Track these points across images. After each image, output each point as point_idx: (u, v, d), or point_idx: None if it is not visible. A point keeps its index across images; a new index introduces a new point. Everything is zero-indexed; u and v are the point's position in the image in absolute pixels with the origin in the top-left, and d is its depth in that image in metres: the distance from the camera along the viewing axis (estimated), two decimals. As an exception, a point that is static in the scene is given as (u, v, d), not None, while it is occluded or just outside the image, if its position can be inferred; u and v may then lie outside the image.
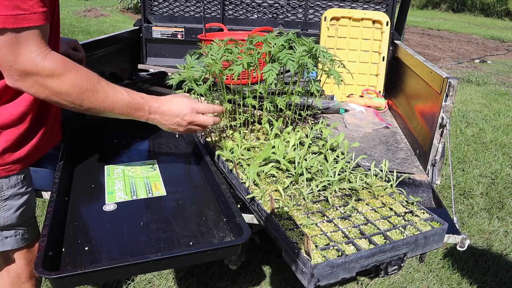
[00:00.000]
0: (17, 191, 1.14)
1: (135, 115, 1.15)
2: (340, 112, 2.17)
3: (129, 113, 1.14)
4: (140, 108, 1.15)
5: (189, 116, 1.23)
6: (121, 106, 1.10)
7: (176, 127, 1.23)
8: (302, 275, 0.95)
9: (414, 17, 14.39)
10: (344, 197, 1.24)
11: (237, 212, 1.07)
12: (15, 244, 1.19)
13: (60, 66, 0.98)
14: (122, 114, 1.13)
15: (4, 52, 0.92)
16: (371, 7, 2.60)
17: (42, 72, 0.96)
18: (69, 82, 0.99)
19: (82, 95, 1.02)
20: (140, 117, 1.17)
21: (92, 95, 1.04)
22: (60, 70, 0.97)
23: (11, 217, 1.14)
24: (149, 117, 1.18)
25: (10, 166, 1.10)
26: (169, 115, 1.21)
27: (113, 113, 1.10)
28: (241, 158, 1.40)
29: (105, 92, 1.06)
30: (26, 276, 1.26)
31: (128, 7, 13.40)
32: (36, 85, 0.97)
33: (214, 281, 2.16)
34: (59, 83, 0.98)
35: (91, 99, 1.04)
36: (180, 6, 2.79)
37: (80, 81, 1.01)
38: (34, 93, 0.99)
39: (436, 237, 1.10)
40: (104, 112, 1.09)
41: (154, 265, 0.92)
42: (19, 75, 0.95)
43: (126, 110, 1.12)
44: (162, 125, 1.22)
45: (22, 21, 0.91)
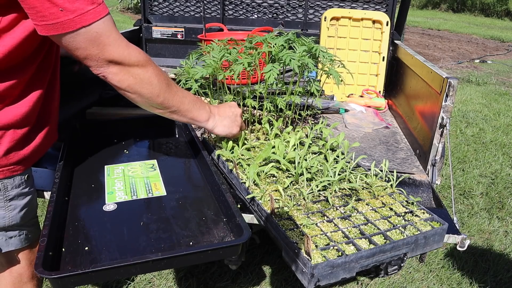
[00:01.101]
0: (21, 191, 1.15)
1: (198, 112, 1.23)
2: (340, 112, 2.17)
3: (193, 111, 1.22)
4: (203, 106, 1.25)
5: (238, 108, 1.38)
6: (189, 102, 1.19)
7: (233, 122, 1.35)
8: (302, 275, 0.95)
9: (414, 17, 14.40)
10: (344, 197, 1.24)
11: (237, 212, 1.07)
12: (19, 244, 1.20)
13: (143, 57, 1.05)
14: (187, 112, 1.20)
15: (90, 48, 0.97)
16: (371, 7, 2.60)
17: (129, 60, 1.02)
18: (152, 72, 1.06)
19: (161, 87, 1.09)
20: (201, 116, 1.25)
21: (168, 88, 1.11)
22: (144, 60, 1.05)
23: (16, 217, 1.15)
24: (210, 115, 1.28)
25: (14, 167, 1.10)
26: (224, 109, 1.34)
27: (180, 109, 1.17)
28: (241, 158, 1.40)
29: (176, 87, 1.16)
30: (28, 276, 1.26)
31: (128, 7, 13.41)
32: (121, 72, 1.02)
33: (214, 281, 2.16)
34: (144, 72, 1.05)
35: (167, 92, 1.11)
36: (180, 6, 2.79)
37: (160, 74, 1.09)
38: (118, 80, 1.03)
39: (436, 237, 1.10)
40: (174, 106, 1.15)
41: (154, 265, 0.91)
42: (107, 63, 1.00)
43: (192, 107, 1.20)
44: (222, 120, 1.32)
45: (96, 15, 0.95)
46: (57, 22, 0.92)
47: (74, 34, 0.94)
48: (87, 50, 0.97)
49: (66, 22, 0.92)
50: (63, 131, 1.34)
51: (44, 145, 1.19)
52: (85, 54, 0.98)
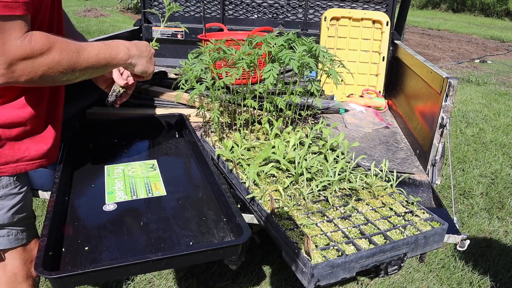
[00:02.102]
0: (10, 192, 1.13)
1: (118, 58, 1.18)
2: (340, 112, 2.17)
3: (113, 58, 1.16)
4: (118, 48, 1.19)
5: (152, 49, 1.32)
6: (104, 53, 1.12)
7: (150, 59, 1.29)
8: (302, 275, 0.95)
9: (414, 17, 14.39)
10: (344, 197, 1.24)
11: (237, 212, 1.07)
12: (8, 244, 1.18)
13: (46, 41, 0.97)
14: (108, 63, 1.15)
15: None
16: (371, 7, 2.60)
17: (34, 53, 0.95)
18: (57, 52, 0.99)
19: (71, 58, 1.03)
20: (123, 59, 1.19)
21: (79, 55, 1.05)
22: (47, 44, 0.97)
23: (3, 217, 1.14)
24: (130, 54, 1.21)
25: (1, 167, 1.10)
26: (141, 45, 1.27)
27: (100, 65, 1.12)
28: (241, 158, 1.40)
29: (86, 48, 1.08)
30: (23, 276, 1.26)
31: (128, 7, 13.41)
32: (27, 69, 0.95)
33: (214, 281, 2.16)
34: (50, 56, 0.98)
35: (79, 58, 1.05)
36: (180, 6, 2.79)
37: (65, 47, 1.02)
38: (27, 79, 0.96)
39: (436, 237, 1.10)
40: (92, 67, 1.09)
41: (154, 265, 0.92)
42: (8, 65, 0.92)
43: (109, 55, 1.14)
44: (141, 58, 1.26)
45: (4, 9, 0.89)
46: None
47: None
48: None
49: None
50: (63, 131, 1.34)
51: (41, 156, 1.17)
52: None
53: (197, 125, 1.84)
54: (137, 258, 0.90)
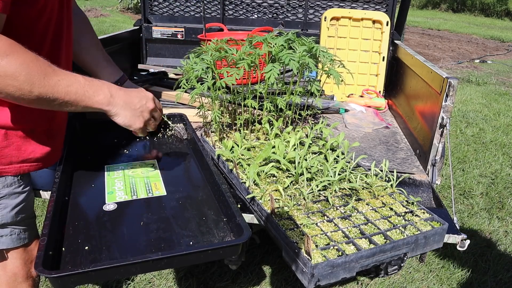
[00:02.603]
0: (14, 190, 1.14)
1: (93, 100, 1.02)
2: (340, 112, 2.17)
3: (87, 98, 1.00)
4: (100, 89, 1.03)
5: (152, 103, 1.17)
6: (77, 89, 0.97)
7: (139, 114, 1.14)
8: (303, 275, 0.95)
9: (414, 17, 14.40)
10: (344, 197, 1.24)
11: (237, 212, 1.07)
12: (11, 243, 1.19)
13: (5, 47, 0.86)
14: (78, 101, 0.99)
15: None
16: (371, 7, 2.60)
17: None
18: (16, 63, 0.86)
19: (31, 78, 0.88)
20: (99, 103, 1.04)
21: (43, 78, 0.91)
22: (5, 50, 0.86)
23: (6, 216, 1.14)
24: (111, 101, 1.06)
25: (5, 167, 1.09)
26: (134, 97, 1.12)
27: (67, 100, 0.96)
28: (241, 158, 1.40)
29: (57, 75, 0.94)
30: (23, 276, 1.26)
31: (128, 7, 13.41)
32: None
33: (214, 281, 2.16)
34: (5, 64, 0.85)
35: (42, 83, 0.90)
36: (180, 6, 2.79)
37: (29, 62, 0.89)
38: None
39: (436, 237, 1.10)
40: (57, 99, 0.95)
41: (154, 265, 0.91)
42: None
43: (83, 93, 0.98)
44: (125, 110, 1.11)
45: None
46: None
47: None
48: None
49: None
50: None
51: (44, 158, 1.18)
52: None
53: (197, 125, 1.84)
54: (137, 258, 0.90)
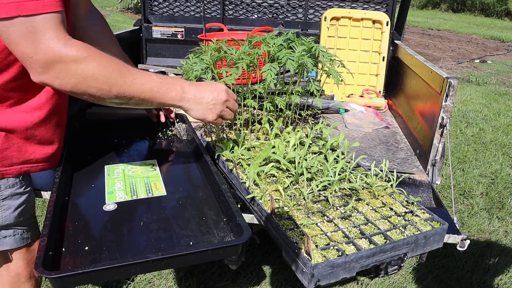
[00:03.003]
0: (16, 191, 1.14)
1: (167, 96, 1.08)
2: (340, 112, 2.17)
3: (161, 96, 1.07)
4: (172, 86, 1.09)
5: (224, 94, 1.18)
6: (152, 87, 1.04)
7: (212, 107, 1.16)
8: (303, 275, 0.95)
9: (414, 17, 14.40)
10: (344, 197, 1.24)
11: (237, 212, 1.07)
12: (14, 243, 1.19)
13: (82, 50, 0.93)
14: (153, 99, 1.06)
15: (23, 43, 0.87)
16: (371, 7, 2.60)
17: (66, 58, 0.90)
18: (94, 65, 0.94)
19: (109, 78, 0.96)
20: (173, 99, 1.10)
21: (120, 77, 0.98)
22: (83, 54, 0.93)
23: (10, 217, 1.14)
24: (183, 96, 1.11)
25: (7, 169, 1.10)
26: (205, 91, 1.15)
27: (143, 97, 1.03)
28: (241, 158, 1.40)
29: (132, 74, 1.01)
30: (26, 276, 1.26)
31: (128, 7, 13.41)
32: (61, 74, 0.91)
33: (214, 281, 2.16)
34: (84, 67, 0.92)
35: (119, 82, 0.98)
36: (180, 6, 2.79)
37: (106, 63, 0.96)
38: (60, 84, 0.93)
39: (436, 237, 1.10)
40: (133, 97, 1.02)
41: (154, 265, 0.91)
42: (41, 66, 0.90)
43: (157, 91, 1.05)
44: (197, 104, 1.14)
45: (36, 7, 0.86)
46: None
47: (7, 22, 0.85)
48: (20, 45, 0.87)
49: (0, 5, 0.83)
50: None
51: (44, 159, 1.18)
52: (18, 50, 0.88)
53: (197, 125, 1.85)
54: (137, 258, 0.90)
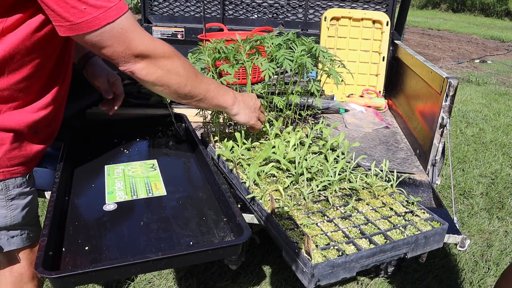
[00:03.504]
0: (23, 191, 1.15)
1: (223, 99, 1.25)
2: (340, 112, 2.17)
3: (219, 97, 1.23)
4: (227, 91, 1.26)
5: (258, 101, 1.40)
6: (214, 89, 1.20)
7: (253, 111, 1.36)
8: (303, 274, 0.95)
9: (414, 17, 14.40)
10: (344, 197, 1.24)
11: (237, 212, 1.07)
12: (21, 243, 1.19)
13: (168, 49, 1.06)
14: (212, 99, 1.21)
15: (116, 45, 0.97)
16: (371, 7, 2.60)
17: (155, 52, 1.02)
18: (179, 63, 1.08)
19: (188, 77, 1.11)
20: (227, 102, 1.27)
21: (195, 77, 1.13)
22: (170, 52, 1.06)
23: (18, 216, 1.15)
24: (235, 101, 1.29)
25: (16, 168, 1.11)
26: (247, 97, 1.36)
27: (206, 96, 1.19)
28: (241, 158, 1.40)
29: (201, 77, 1.16)
30: (29, 276, 1.26)
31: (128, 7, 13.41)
32: (149, 65, 1.03)
33: (214, 281, 2.16)
34: (172, 63, 1.06)
35: (194, 82, 1.13)
36: (180, 6, 2.79)
37: (186, 63, 1.11)
38: (146, 74, 1.04)
39: (437, 237, 1.10)
40: (199, 95, 1.16)
41: (154, 265, 0.91)
42: (133, 59, 1.01)
43: (217, 93, 1.22)
44: (244, 109, 1.33)
45: (119, 11, 0.95)
46: (81, 22, 0.92)
47: (99, 32, 0.94)
48: (113, 47, 0.98)
49: (90, 21, 0.92)
50: (63, 131, 1.34)
51: (42, 153, 1.19)
52: (111, 51, 0.98)
53: (197, 125, 1.84)
54: (137, 258, 0.90)
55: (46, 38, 1.00)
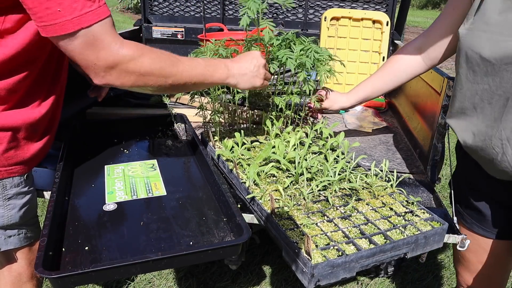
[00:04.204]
0: (20, 190, 1.15)
1: (215, 77, 1.18)
2: (340, 112, 2.17)
3: (209, 77, 1.17)
4: (217, 66, 1.19)
5: (262, 58, 1.31)
6: (201, 70, 1.14)
7: (256, 74, 1.28)
8: (303, 275, 0.95)
9: (414, 17, 14.40)
10: (344, 197, 1.24)
11: (237, 212, 1.07)
12: (18, 243, 1.19)
13: (136, 49, 1.00)
14: (203, 81, 1.15)
15: (87, 53, 0.93)
16: (371, 7, 2.60)
17: (123, 59, 0.97)
18: (149, 61, 1.02)
19: (164, 71, 1.05)
20: (220, 78, 1.20)
21: (172, 67, 1.07)
22: (138, 52, 1.00)
23: (15, 216, 1.15)
24: (229, 73, 1.21)
25: (13, 168, 1.11)
26: (245, 61, 1.27)
27: (195, 82, 1.13)
28: (241, 158, 1.40)
29: (182, 62, 1.09)
30: (28, 276, 1.26)
31: (128, 7, 13.41)
32: (122, 74, 0.99)
33: (214, 281, 2.16)
34: (141, 64, 1.00)
35: (173, 72, 1.07)
36: (180, 6, 2.79)
37: (158, 57, 1.04)
38: (122, 83, 1.01)
39: (436, 237, 1.10)
40: (186, 83, 1.11)
41: (154, 265, 0.92)
42: (104, 70, 0.97)
43: (206, 72, 1.15)
44: (243, 76, 1.25)
45: (94, 17, 0.91)
46: (55, 23, 0.88)
47: (72, 37, 0.91)
48: (83, 55, 0.94)
49: (64, 23, 0.88)
50: (63, 131, 1.34)
51: (45, 149, 1.20)
52: (82, 60, 0.95)
53: (197, 125, 1.85)
54: (137, 258, 0.90)
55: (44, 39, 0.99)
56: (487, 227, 1.26)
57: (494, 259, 1.30)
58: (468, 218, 1.30)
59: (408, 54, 1.46)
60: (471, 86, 1.10)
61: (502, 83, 1.02)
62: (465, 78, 1.11)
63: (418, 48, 1.43)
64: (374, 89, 1.57)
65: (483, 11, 1.06)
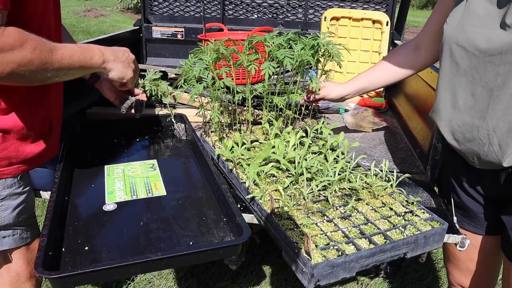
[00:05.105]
0: (14, 191, 1.14)
1: (92, 62, 1.15)
2: (340, 112, 2.17)
3: (86, 62, 1.13)
4: (92, 52, 1.16)
5: (131, 54, 1.31)
6: (78, 56, 1.10)
7: (127, 65, 1.27)
8: (302, 275, 0.95)
9: (414, 17, 14.40)
10: (344, 197, 1.24)
11: (237, 212, 1.07)
12: (13, 243, 1.19)
13: (18, 38, 0.93)
14: (81, 67, 1.12)
15: None
16: (371, 7, 2.60)
17: (4, 48, 0.91)
18: (29, 50, 0.95)
19: (44, 58, 0.99)
20: (97, 63, 1.17)
21: (52, 55, 1.01)
22: (19, 41, 0.93)
23: (8, 217, 1.14)
24: (104, 58, 1.19)
25: (4, 169, 1.10)
26: (117, 51, 1.26)
27: (73, 68, 1.08)
28: (241, 158, 1.40)
29: (59, 49, 1.04)
30: (26, 276, 1.26)
31: (128, 7, 13.42)
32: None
33: (214, 281, 2.16)
34: (22, 53, 0.94)
35: (52, 59, 1.01)
36: (180, 6, 2.79)
37: (37, 46, 0.98)
38: None
39: (436, 236, 1.10)
40: (65, 69, 1.06)
41: (154, 265, 0.91)
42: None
43: (83, 58, 1.11)
44: (117, 63, 1.24)
45: None
46: None
47: None
48: None
49: None
50: (63, 131, 1.34)
51: (41, 155, 1.19)
52: None
53: (197, 125, 1.85)
54: (137, 258, 0.90)
55: None
56: (477, 224, 1.29)
57: (484, 255, 1.32)
58: (458, 216, 1.31)
59: (406, 51, 1.49)
60: (454, 78, 1.13)
61: (485, 74, 1.05)
62: (448, 72, 1.15)
63: (415, 45, 1.45)
64: (371, 81, 1.58)
65: (467, 5, 1.08)
